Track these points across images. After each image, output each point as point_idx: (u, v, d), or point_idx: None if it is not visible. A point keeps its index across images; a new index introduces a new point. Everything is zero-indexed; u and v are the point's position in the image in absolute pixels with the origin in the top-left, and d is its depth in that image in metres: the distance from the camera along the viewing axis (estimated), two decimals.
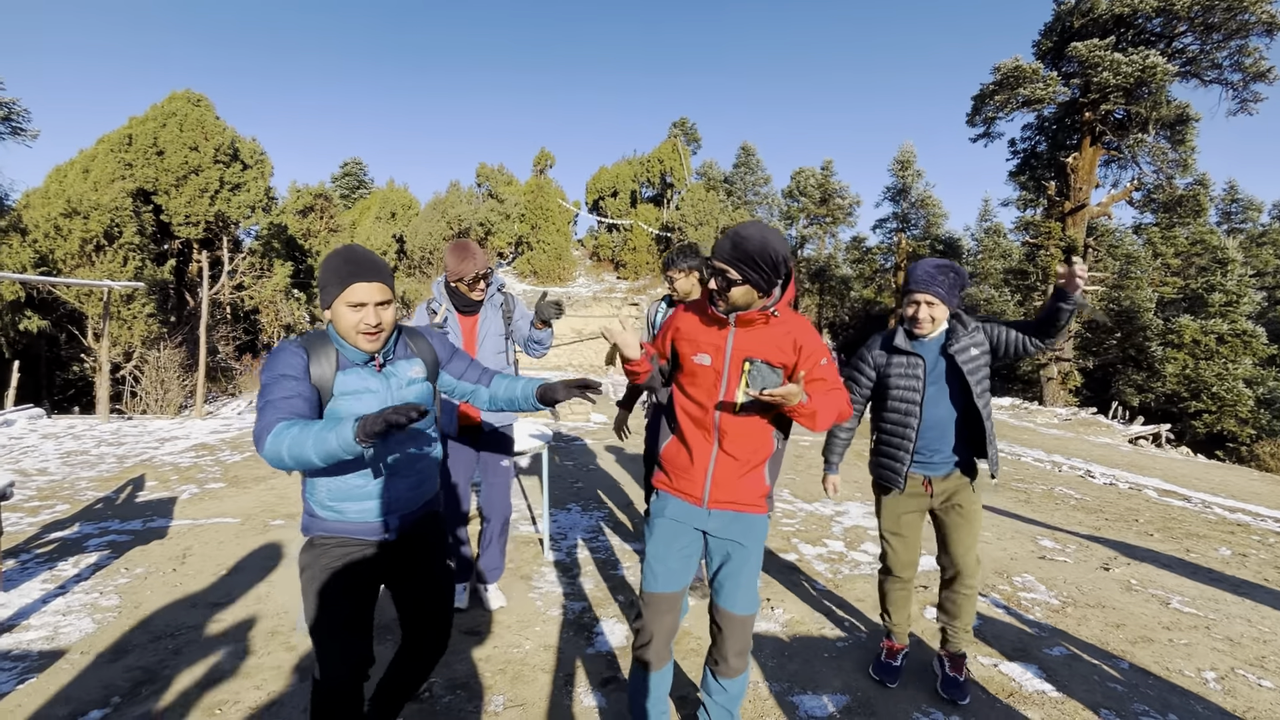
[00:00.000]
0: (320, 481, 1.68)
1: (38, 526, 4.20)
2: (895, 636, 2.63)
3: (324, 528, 1.70)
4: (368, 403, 1.67)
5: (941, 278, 2.33)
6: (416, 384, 1.79)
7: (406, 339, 1.86)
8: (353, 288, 1.61)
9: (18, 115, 17.51)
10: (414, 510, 1.80)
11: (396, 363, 1.78)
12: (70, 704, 2.26)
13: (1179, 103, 19.68)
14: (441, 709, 2.28)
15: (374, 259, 1.67)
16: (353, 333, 1.64)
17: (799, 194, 33.15)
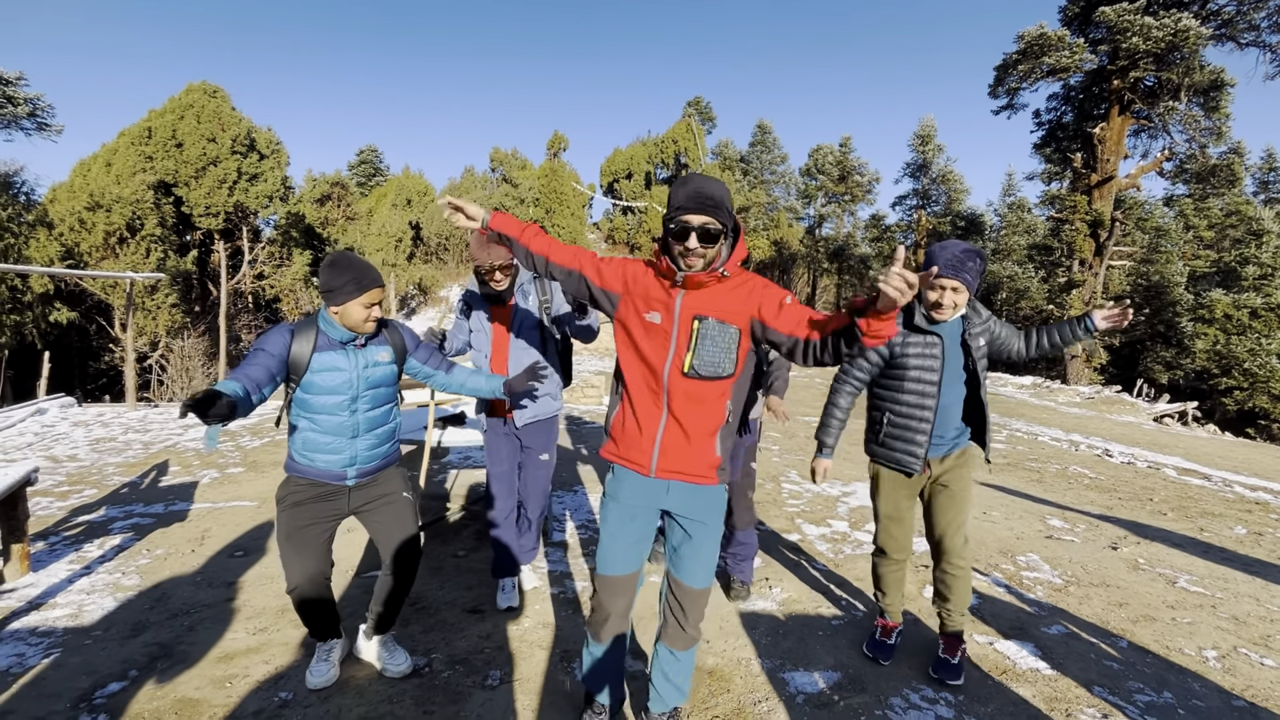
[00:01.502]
0: (298, 435, 2.18)
1: (66, 510, 4.38)
2: (889, 615, 2.64)
3: (298, 470, 2.20)
4: (336, 378, 2.15)
5: (970, 264, 2.26)
6: (381, 366, 2.24)
7: (385, 330, 2.30)
8: (371, 292, 2.11)
9: (42, 111, 17.87)
10: (371, 465, 2.27)
11: (370, 346, 2.22)
12: (92, 676, 2.37)
13: (1213, 68, 18.87)
14: (441, 683, 2.36)
15: (372, 268, 2.15)
16: (361, 323, 2.12)
17: (817, 172, 32.62)
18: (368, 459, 2.25)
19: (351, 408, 2.18)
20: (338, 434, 2.17)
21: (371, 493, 2.29)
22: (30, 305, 13.48)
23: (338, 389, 2.15)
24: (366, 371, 2.19)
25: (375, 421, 2.26)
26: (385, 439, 2.31)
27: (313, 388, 2.13)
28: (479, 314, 2.89)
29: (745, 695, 2.33)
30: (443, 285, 25.89)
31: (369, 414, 2.23)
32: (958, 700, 2.32)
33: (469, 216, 1.91)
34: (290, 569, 2.18)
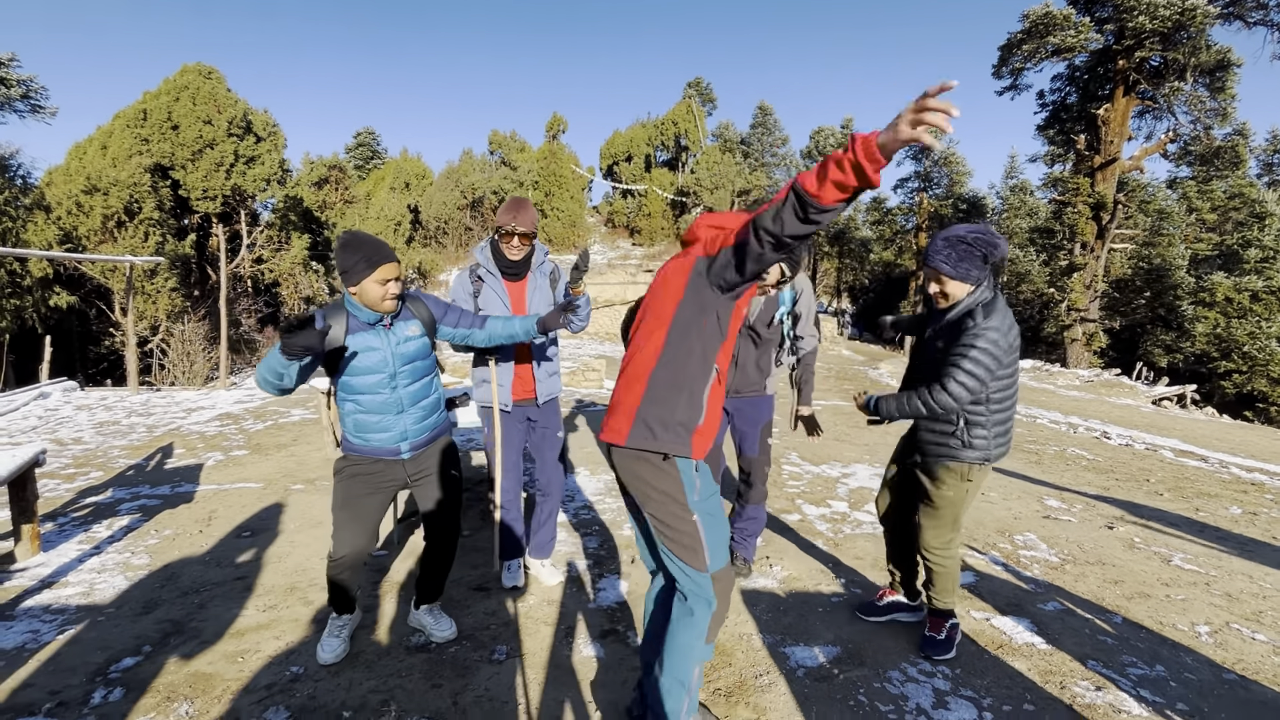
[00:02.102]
0: (348, 418, 2.27)
1: (74, 492, 4.42)
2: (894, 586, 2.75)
3: (354, 449, 2.30)
4: (373, 358, 2.20)
5: (948, 250, 2.20)
6: (413, 340, 2.28)
7: (408, 304, 2.34)
8: (383, 268, 2.12)
9: (36, 93, 17.67)
10: (423, 438, 2.35)
11: (399, 323, 2.27)
12: (106, 652, 2.42)
13: (1220, 47, 18.66)
14: (448, 658, 2.41)
15: (385, 244, 2.18)
16: (379, 301, 2.15)
17: (818, 154, 32.34)
18: (418, 431, 2.33)
19: (392, 384, 2.24)
20: (383, 411, 2.24)
21: (425, 465, 2.38)
22: (30, 289, 13.45)
23: (375, 368, 2.20)
24: (400, 348, 2.24)
25: (418, 395, 2.32)
26: (432, 410, 2.38)
27: (352, 369, 2.19)
28: (494, 287, 2.82)
29: (747, 669, 2.38)
30: (442, 269, 25.81)
31: (410, 389, 2.29)
32: (954, 673, 2.37)
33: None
34: (341, 537, 2.25)
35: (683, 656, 1.76)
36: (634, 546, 3.51)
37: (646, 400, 1.74)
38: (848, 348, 20.08)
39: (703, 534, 1.75)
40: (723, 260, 1.65)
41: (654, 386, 1.74)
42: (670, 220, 28.27)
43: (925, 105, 1.22)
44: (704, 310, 1.72)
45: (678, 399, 1.73)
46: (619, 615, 2.76)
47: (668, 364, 1.74)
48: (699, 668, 1.78)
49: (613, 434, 1.81)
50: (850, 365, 15.57)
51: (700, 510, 1.76)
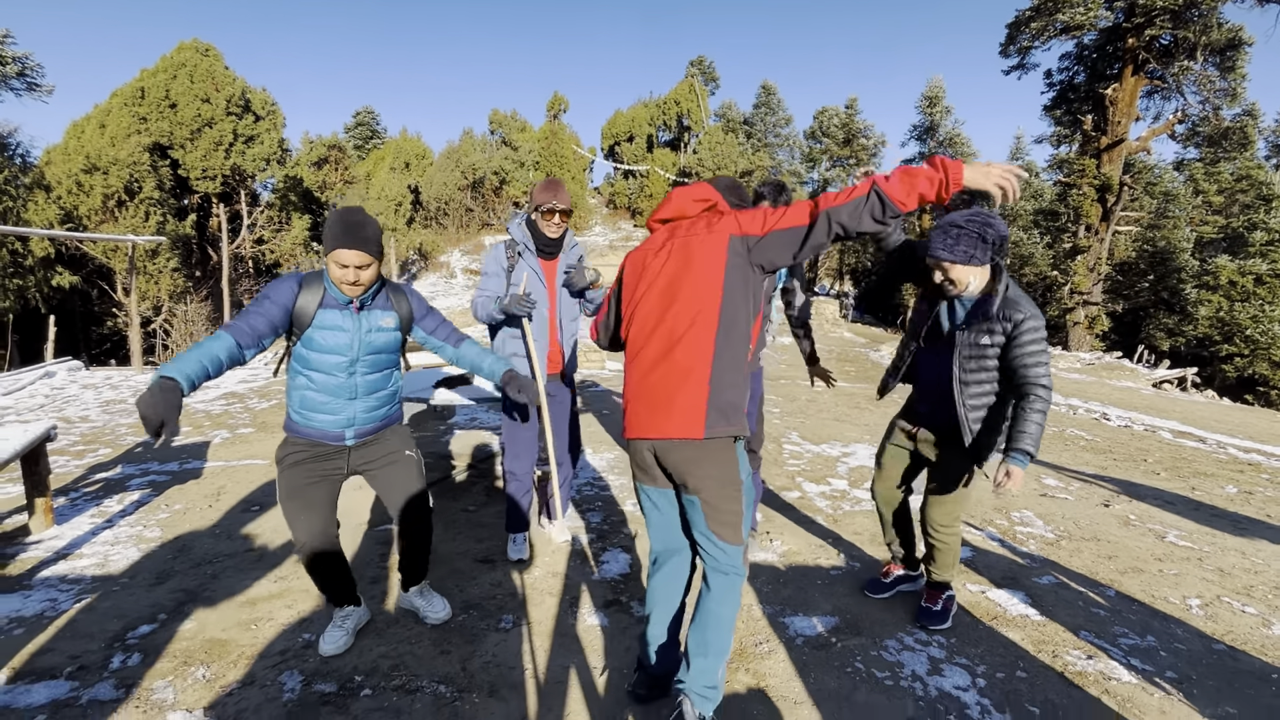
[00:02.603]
0: (296, 393, 2.16)
1: (83, 468, 4.48)
2: (894, 559, 2.81)
3: (296, 430, 2.19)
4: (338, 338, 2.11)
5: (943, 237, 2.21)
6: (384, 332, 2.20)
7: (389, 294, 2.25)
8: (338, 252, 2.01)
9: (32, 70, 17.52)
10: (370, 426, 2.26)
11: (372, 310, 2.17)
12: (123, 619, 2.49)
13: (1231, 25, 18.34)
14: (455, 626, 2.47)
15: (363, 228, 2.03)
16: (339, 283, 2.07)
17: (821, 135, 32.03)
18: (366, 420, 2.23)
19: (350, 370, 2.14)
20: (335, 395, 2.14)
21: (373, 451, 2.28)
22: (32, 269, 13.46)
23: (338, 349, 2.11)
24: (368, 336, 2.15)
25: (374, 385, 2.23)
26: (385, 401, 2.29)
27: (313, 344, 2.09)
28: (530, 263, 2.88)
29: (747, 637, 2.44)
30: (443, 250, 25.73)
31: (367, 378, 2.20)
32: (949, 643, 2.43)
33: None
34: (295, 528, 2.17)
35: (727, 629, 1.83)
36: (636, 521, 3.56)
37: (715, 388, 1.73)
38: (849, 330, 20.07)
39: (743, 510, 1.83)
40: (776, 242, 1.69)
41: (719, 373, 1.73)
42: None
43: (1014, 172, 1.59)
44: (747, 290, 1.75)
45: (739, 381, 1.77)
46: (622, 587, 2.82)
47: (726, 348, 1.74)
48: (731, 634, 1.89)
49: (681, 428, 1.73)
50: (851, 348, 15.59)
51: (745, 489, 1.84)
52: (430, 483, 4.14)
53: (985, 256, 2.22)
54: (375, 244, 2.06)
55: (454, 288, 22.17)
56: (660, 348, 1.79)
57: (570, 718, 1.99)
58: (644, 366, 1.83)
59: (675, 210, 1.91)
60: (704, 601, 1.86)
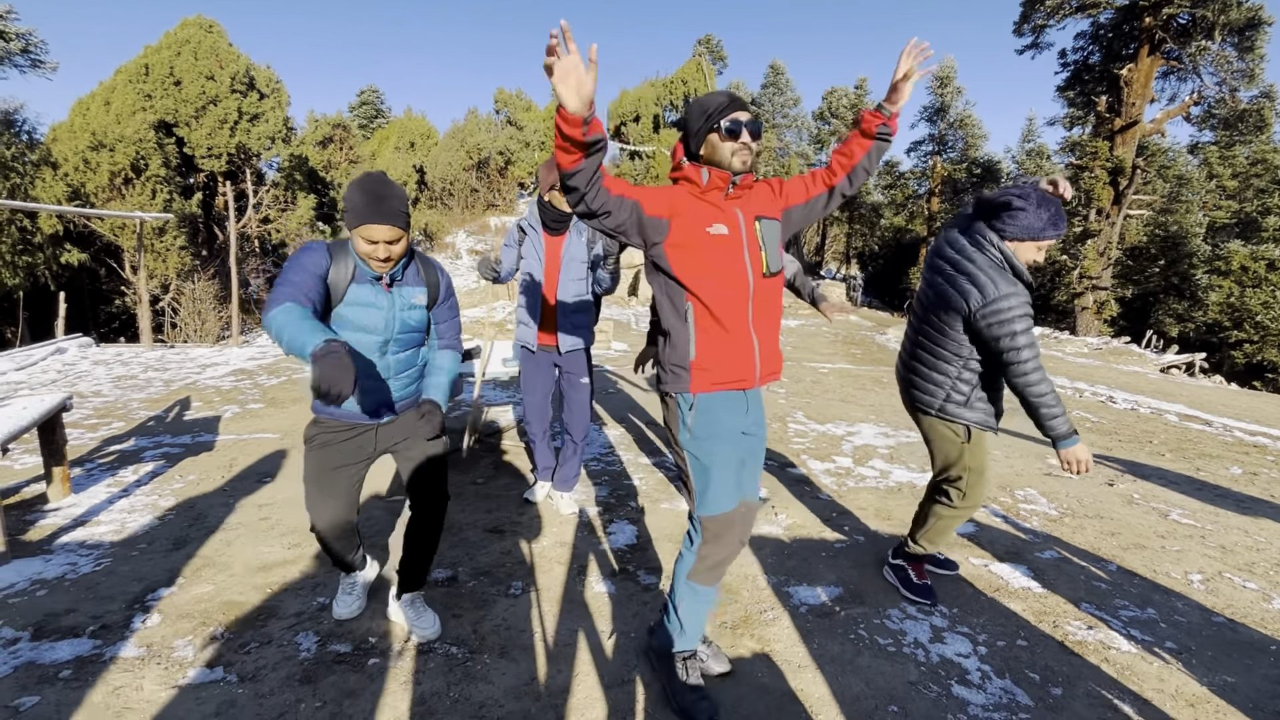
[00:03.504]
0: None
1: (98, 440, 4.55)
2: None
3: (326, 411, 2.07)
4: (371, 316, 1.97)
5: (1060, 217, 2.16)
6: (417, 309, 2.07)
7: (419, 266, 2.09)
8: (366, 228, 1.83)
9: (35, 47, 17.43)
10: (405, 402, 2.15)
11: (404, 287, 2.03)
12: (142, 582, 2.55)
13: (1251, 4, 17.93)
14: (466, 592, 2.52)
15: (391, 200, 1.84)
16: (366, 259, 1.91)
17: (831, 115, 31.64)
18: (400, 398, 2.12)
19: (383, 350, 2.01)
20: (367, 376, 2.01)
21: (404, 428, 2.15)
22: (40, 246, 13.51)
23: (371, 328, 1.97)
24: (402, 314, 2.02)
25: (406, 363, 2.11)
26: (416, 378, 2.18)
27: (345, 323, 1.95)
28: (534, 239, 3.08)
29: (752, 605, 2.48)
30: (449, 231, 25.66)
31: (399, 356, 2.07)
32: (951, 612, 2.47)
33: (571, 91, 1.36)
34: (315, 511, 2.08)
35: (675, 586, 1.93)
36: (643, 496, 3.61)
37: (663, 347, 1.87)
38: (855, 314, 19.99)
39: (694, 478, 1.84)
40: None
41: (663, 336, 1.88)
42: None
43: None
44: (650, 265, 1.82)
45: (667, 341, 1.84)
46: (628, 557, 2.86)
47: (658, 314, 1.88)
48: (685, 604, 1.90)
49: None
50: (858, 331, 15.55)
51: (701, 451, 1.80)
52: None
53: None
54: (404, 215, 1.90)
55: (459, 268, 22.15)
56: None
57: (579, 678, 2.04)
58: None
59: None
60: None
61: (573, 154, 1.45)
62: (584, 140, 1.41)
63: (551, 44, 1.32)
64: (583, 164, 1.47)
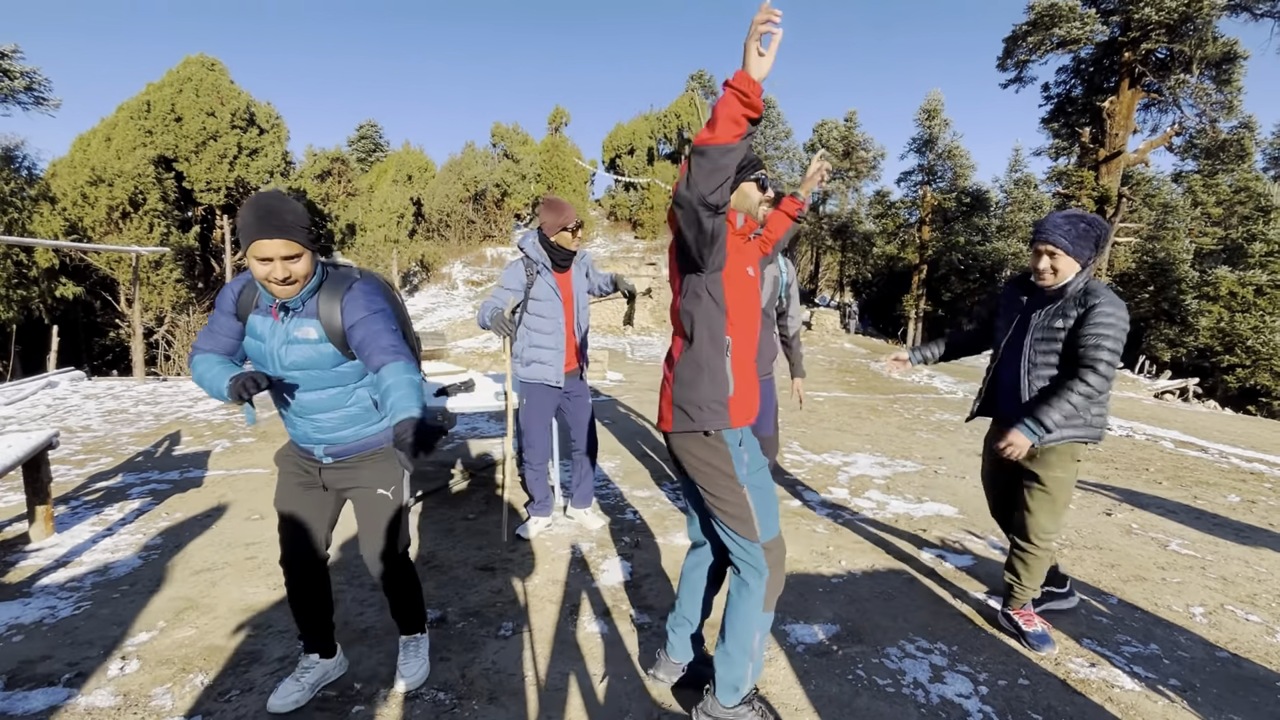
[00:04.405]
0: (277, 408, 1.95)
1: (84, 477, 4.49)
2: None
3: (289, 432, 2.01)
4: (257, 349, 1.84)
5: (1068, 227, 2.26)
6: (303, 345, 1.79)
7: (324, 295, 1.79)
8: (256, 244, 1.64)
9: (39, 85, 17.70)
10: (341, 447, 1.95)
11: (294, 319, 1.78)
12: (122, 626, 2.48)
13: (1226, 39, 18.54)
14: (455, 633, 2.46)
15: (281, 213, 1.65)
16: (263, 283, 1.71)
17: (821, 147, 32.24)
18: (332, 440, 1.92)
19: (281, 385, 1.85)
20: (283, 407, 1.89)
21: (347, 478, 1.98)
22: (36, 280, 13.53)
23: (260, 361, 1.83)
24: (284, 349, 1.79)
25: (322, 405, 1.86)
26: (353, 420, 1.91)
27: (248, 354, 1.87)
28: (545, 279, 3.15)
29: None
30: (445, 262, 25.82)
31: (306, 396, 1.85)
32: (951, 650, 2.42)
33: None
34: (283, 533, 2.00)
35: (744, 625, 1.85)
36: (636, 530, 3.56)
37: (677, 387, 1.85)
38: (850, 341, 20.07)
39: (751, 505, 1.84)
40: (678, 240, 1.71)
41: (680, 372, 1.85)
42: None
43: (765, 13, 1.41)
44: (694, 291, 1.79)
45: (699, 380, 1.82)
46: (622, 595, 2.81)
47: (687, 349, 1.84)
48: (760, 634, 1.87)
49: (661, 422, 1.92)
50: (853, 358, 15.59)
51: (749, 483, 1.86)
52: (429, 491, 4.14)
53: (1089, 255, 2.29)
54: (302, 229, 1.68)
55: (455, 299, 22.23)
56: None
57: None
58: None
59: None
60: (729, 594, 1.93)
61: (741, 127, 1.46)
62: (760, 110, 1.46)
63: (774, 15, 1.40)
64: (742, 141, 1.48)
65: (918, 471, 4.97)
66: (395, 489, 2.02)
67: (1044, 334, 2.34)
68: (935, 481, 4.71)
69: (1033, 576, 2.47)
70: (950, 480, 4.73)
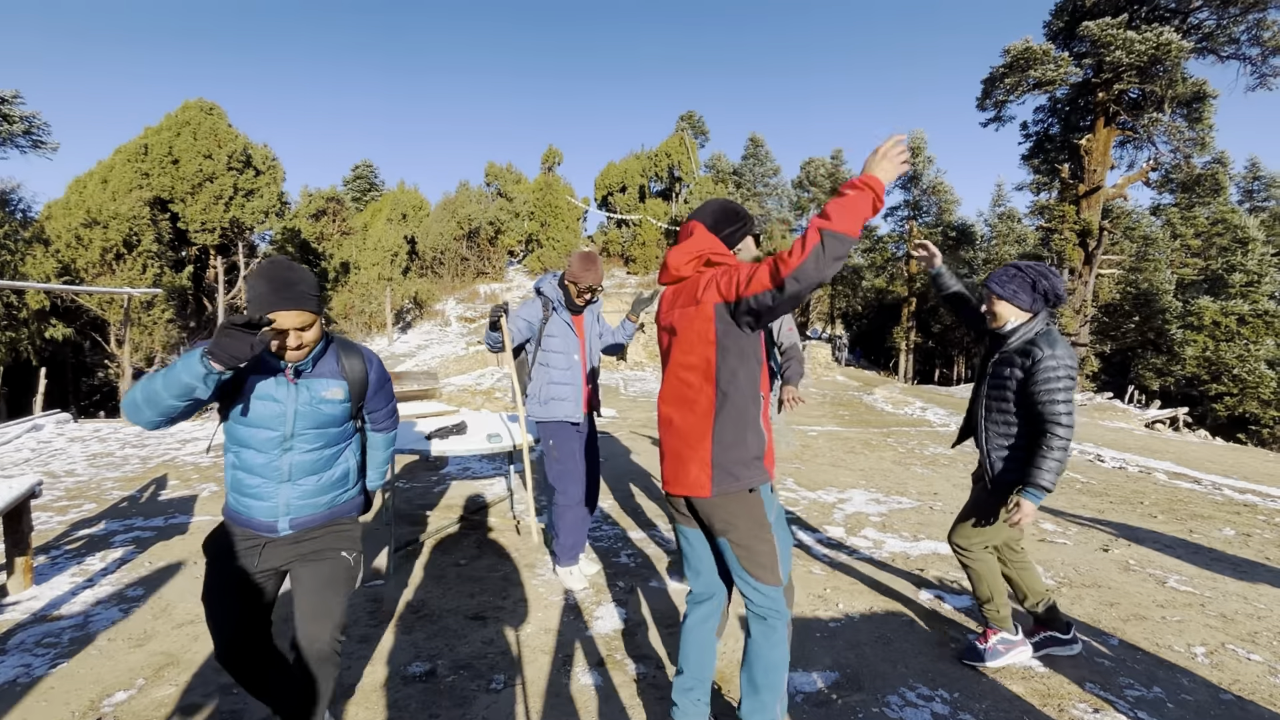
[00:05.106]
0: (229, 470, 1.83)
1: (66, 525, 4.39)
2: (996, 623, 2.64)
3: (232, 515, 1.86)
4: (270, 410, 1.76)
5: (1002, 274, 2.45)
6: (331, 404, 1.82)
7: (342, 356, 1.87)
8: (278, 314, 1.66)
9: (38, 128, 17.95)
10: (308, 515, 1.86)
11: (315, 380, 1.81)
12: (99, 685, 2.40)
13: (1195, 80, 19.28)
14: (445, 688, 2.39)
15: (295, 284, 1.69)
16: (277, 349, 1.73)
17: (809, 184, 32.94)
18: (303, 507, 1.85)
19: (284, 447, 1.80)
20: (264, 475, 1.80)
21: (300, 548, 1.86)
22: (26, 322, 13.47)
23: (269, 423, 1.77)
24: (307, 409, 1.80)
25: (313, 467, 1.85)
26: (331, 487, 1.90)
27: (244, 415, 1.76)
28: (561, 318, 3.24)
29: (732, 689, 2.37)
30: (438, 299, 25.93)
31: (305, 457, 1.83)
32: (953, 697, 2.37)
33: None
34: (210, 623, 1.81)
35: (775, 671, 1.87)
36: (632, 575, 3.50)
37: (718, 450, 1.82)
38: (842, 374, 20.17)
39: (778, 550, 1.87)
40: (752, 307, 1.70)
41: (720, 435, 1.81)
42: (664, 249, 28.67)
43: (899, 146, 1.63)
44: (743, 350, 1.80)
45: (742, 439, 1.82)
46: (616, 644, 2.75)
47: (726, 411, 1.81)
48: (785, 673, 1.90)
49: (694, 488, 1.84)
50: (845, 391, 15.63)
51: (776, 529, 1.89)
52: (420, 535, 4.07)
53: (1028, 302, 2.40)
54: (314, 299, 1.73)
55: (449, 335, 22.25)
56: (672, 411, 1.92)
57: None
58: (663, 425, 1.97)
59: (674, 274, 1.97)
60: (749, 645, 1.92)
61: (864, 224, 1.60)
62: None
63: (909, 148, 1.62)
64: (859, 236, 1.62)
65: (913, 508, 4.94)
66: (356, 556, 1.94)
67: (996, 381, 2.48)
68: (931, 518, 4.68)
69: (977, 592, 2.59)
70: (946, 517, 4.70)
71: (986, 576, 2.59)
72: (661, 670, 2.52)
